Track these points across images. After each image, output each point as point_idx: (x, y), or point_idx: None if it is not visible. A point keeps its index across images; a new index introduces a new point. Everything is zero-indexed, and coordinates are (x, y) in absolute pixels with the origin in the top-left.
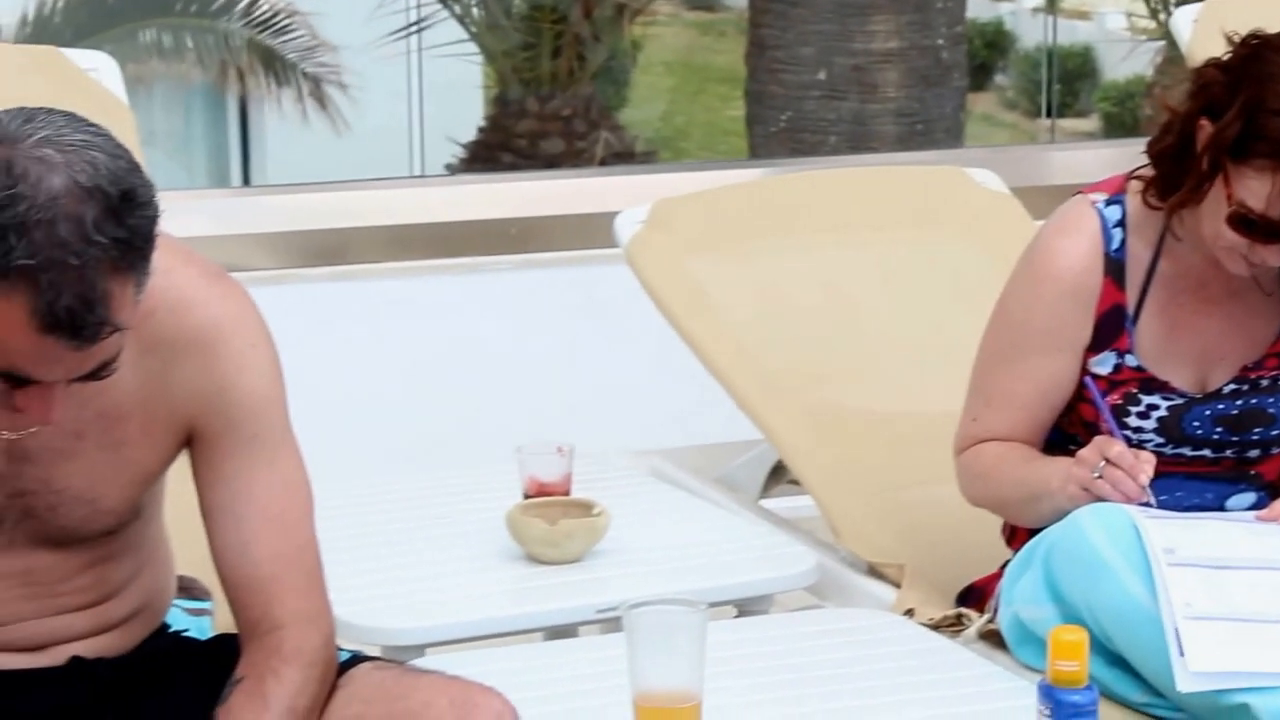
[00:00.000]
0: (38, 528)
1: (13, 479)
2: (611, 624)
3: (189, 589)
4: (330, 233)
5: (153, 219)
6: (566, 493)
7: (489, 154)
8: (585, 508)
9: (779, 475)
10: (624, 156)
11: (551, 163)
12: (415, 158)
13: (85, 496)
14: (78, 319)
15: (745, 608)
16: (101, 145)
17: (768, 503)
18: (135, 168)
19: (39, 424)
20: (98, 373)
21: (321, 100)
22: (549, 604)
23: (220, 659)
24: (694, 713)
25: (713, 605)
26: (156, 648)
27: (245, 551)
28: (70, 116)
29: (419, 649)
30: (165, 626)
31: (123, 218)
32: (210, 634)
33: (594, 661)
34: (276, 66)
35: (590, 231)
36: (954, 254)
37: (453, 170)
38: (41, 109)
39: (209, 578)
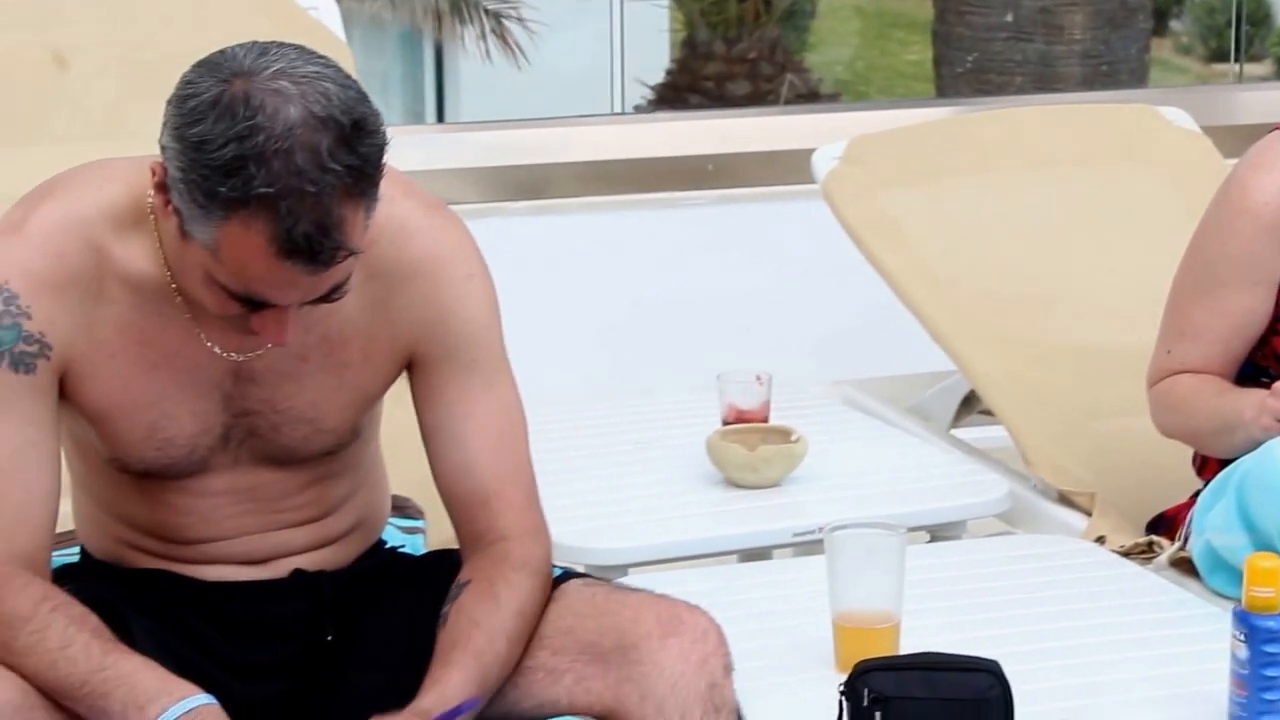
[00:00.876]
0: (261, 446)
1: (239, 400)
2: (806, 547)
3: (403, 508)
4: (531, 168)
5: (381, 146)
6: (765, 420)
7: (676, 96)
8: (783, 434)
9: (970, 405)
10: (808, 99)
11: (737, 105)
12: (614, 99)
13: (306, 416)
14: (315, 244)
15: (938, 533)
16: (332, 76)
17: (959, 432)
18: (364, 97)
19: (273, 345)
20: (329, 296)
21: (504, 38)
22: (747, 527)
23: (434, 574)
24: (893, 633)
25: (907, 531)
26: (373, 563)
27: (468, 470)
28: (301, 49)
29: (622, 569)
30: (381, 543)
31: (355, 146)
32: (423, 550)
33: (790, 583)
34: (462, 6)
35: (784, 168)
36: (1146, 190)
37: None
38: (273, 43)
39: (421, 497)
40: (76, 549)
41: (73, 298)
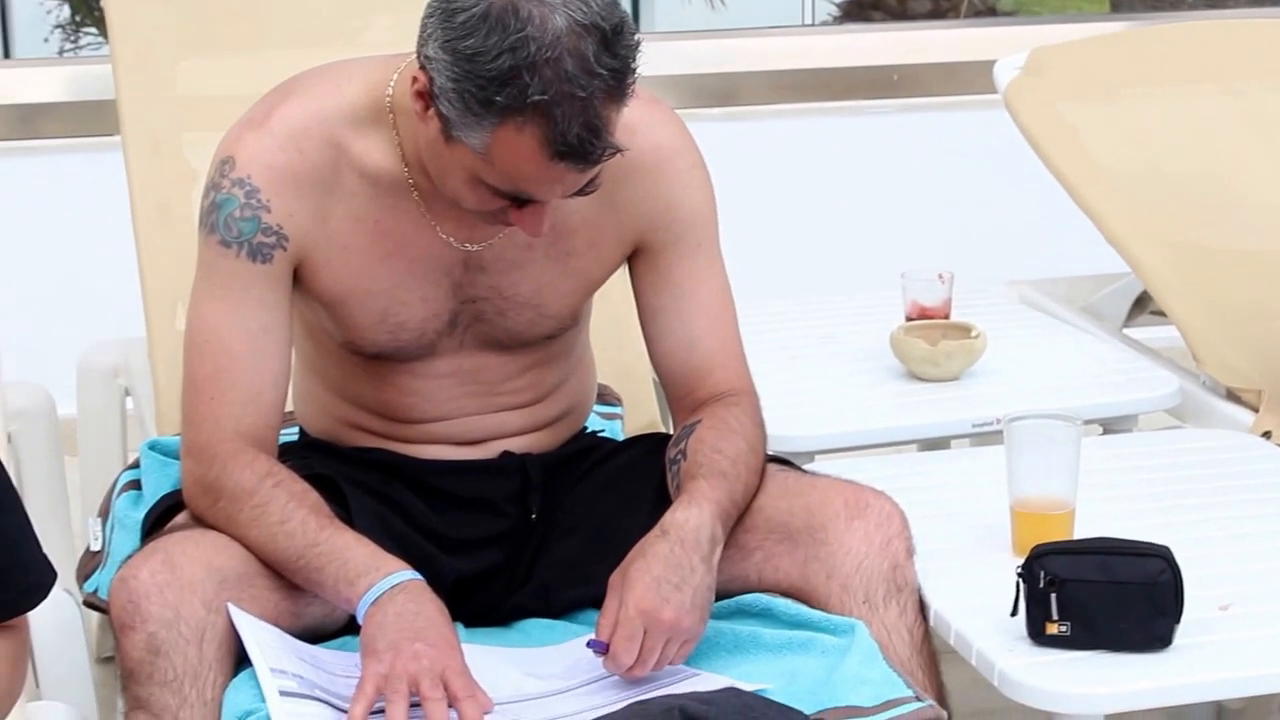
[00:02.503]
0: (486, 331)
1: (468, 286)
2: (983, 438)
3: (602, 395)
4: (724, 76)
5: (636, 47)
6: (946, 316)
7: (860, 13)
8: (964, 330)
9: (1142, 306)
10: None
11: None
12: (804, 11)
13: (531, 302)
14: (585, 144)
15: (1110, 426)
16: None
17: (1130, 331)
18: (615, 3)
19: (532, 235)
20: (585, 189)
21: None
22: (928, 418)
23: (634, 456)
24: (1068, 519)
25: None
26: (578, 447)
27: (693, 345)
28: None
29: (809, 455)
30: (585, 428)
31: (615, 49)
32: (622, 437)
33: (968, 471)
34: None
35: (964, 78)
36: None
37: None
38: None
39: (618, 386)
40: (295, 429)
41: (311, 191)
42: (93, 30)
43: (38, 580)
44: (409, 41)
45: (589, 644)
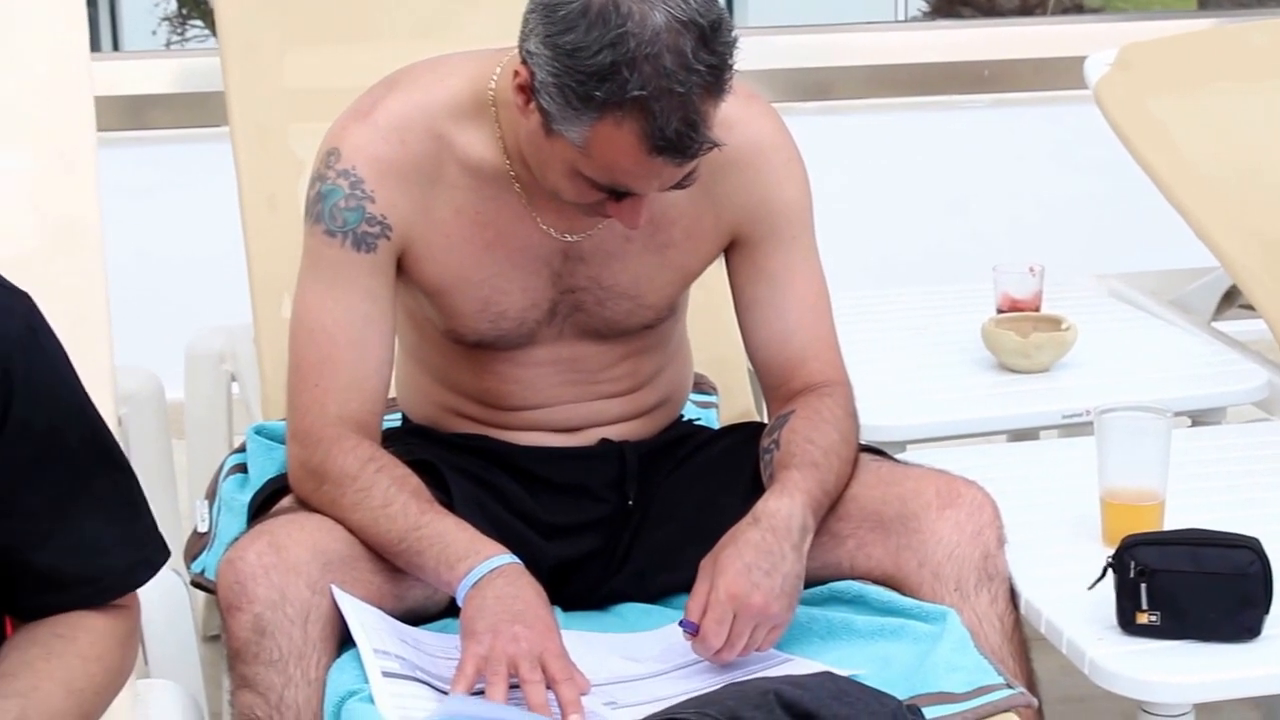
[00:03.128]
0: (585, 321)
1: (567, 277)
2: (1073, 429)
3: (699, 384)
4: (818, 71)
5: (734, 44)
6: (1036, 309)
7: (949, 9)
8: (1054, 322)
9: (1230, 300)
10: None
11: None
12: (896, 7)
13: (630, 293)
14: (683, 139)
15: (1199, 419)
16: None
17: (1219, 324)
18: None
19: (629, 228)
20: (683, 183)
21: None
22: (1019, 408)
23: (729, 446)
24: (1158, 510)
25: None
26: (674, 435)
27: (788, 337)
28: None
29: (901, 445)
30: (681, 416)
31: (713, 45)
32: (717, 425)
33: (1058, 462)
34: None
35: (1054, 73)
36: None
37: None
38: None
39: (713, 375)
40: (398, 415)
41: (414, 182)
42: (199, 23)
43: (149, 557)
44: (510, 36)
45: (681, 623)
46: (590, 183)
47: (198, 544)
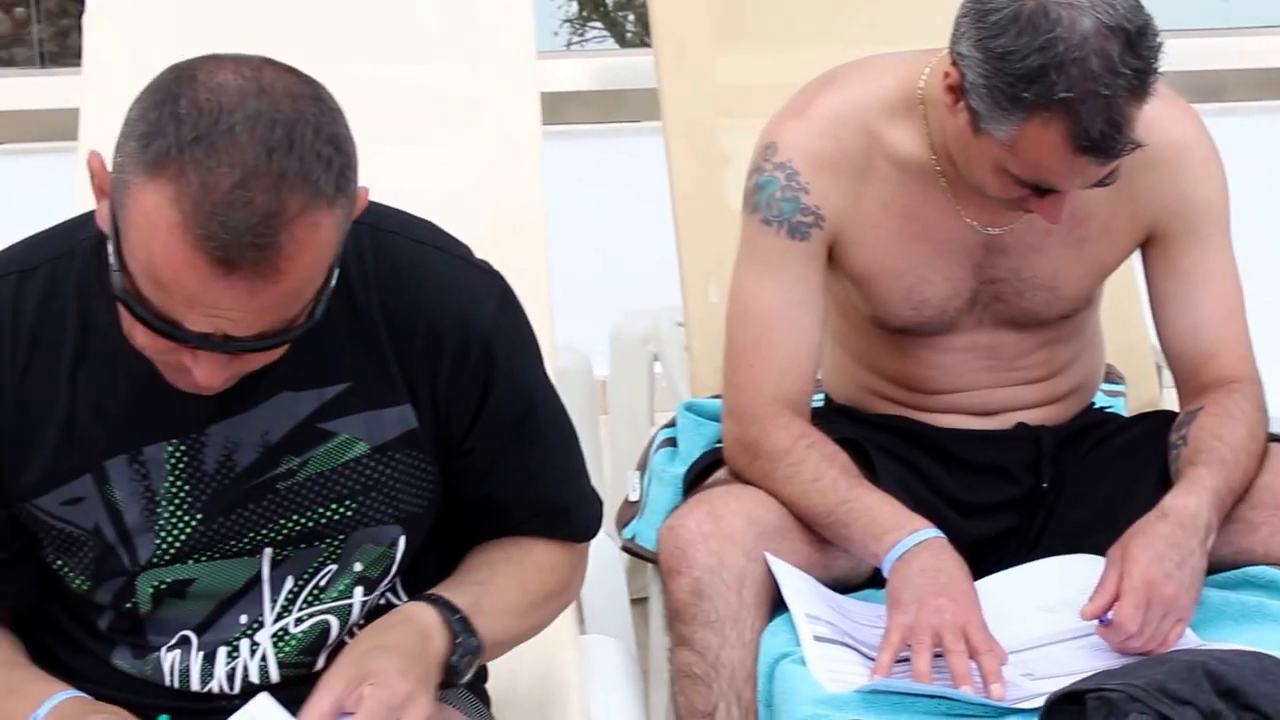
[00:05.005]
0: (1004, 310)
1: (988, 268)
2: None
3: (1108, 374)
4: (1212, 74)
5: (1159, 48)
6: None
7: None
8: None
9: None
10: None
11: None
12: None
13: (1048, 284)
14: (1107, 140)
15: None
16: None
17: None
18: (1140, 5)
19: (1050, 222)
20: (1104, 181)
21: None
22: None
23: (1139, 434)
24: None
25: None
26: (1086, 421)
27: (1199, 331)
28: None
29: None
30: (1092, 404)
31: (1139, 49)
32: (1126, 414)
33: None
34: None
35: None
36: None
37: None
38: None
39: (1121, 365)
40: (821, 396)
41: (845, 176)
42: (598, 24)
43: (595, 514)
44: (919, 40)
45: (1085, 616)
46: (1015, 179)
47: (628, 512)
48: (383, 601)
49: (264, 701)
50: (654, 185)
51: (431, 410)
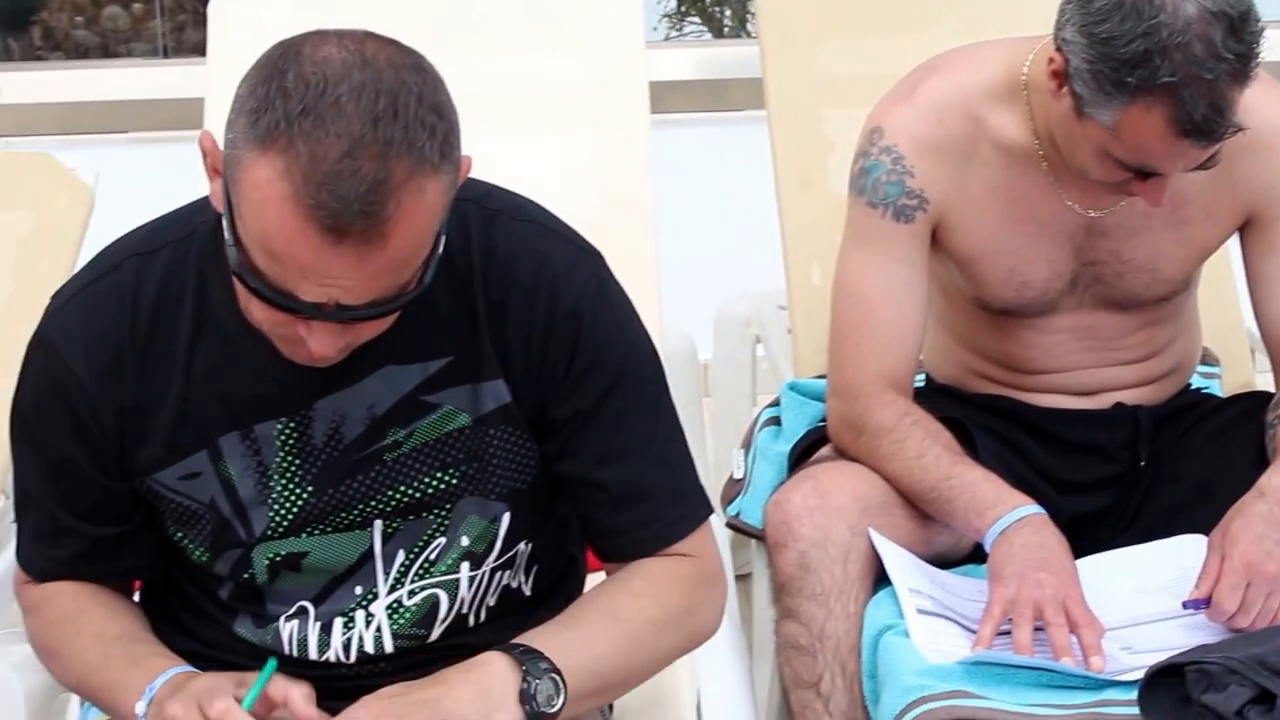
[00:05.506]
0: (1104, 292)
1: (1089, 250)
2: None
3: (1204, 355)
4: None
5: (1260, 34)
6: None
7: None
8: None
9: None
10: None
11: None
12: None
13: (1147, 267)
14: (1209, 124)
15: None
16: None
17: None
18: None
19: (1152, 205)
20: (1205, 164)
21: None
22: None
23: (1236, 414)
24: None
25: None
26: (1183, 402)
27: None
28: None
29: None
30: (1189, 385)
31: (1241, 34)
32: (1221, 394)
33: None
34: None
35: None
36: None
37: None
38: None
39: (1216, 348)
40: (922, 375)
41: (950, 160)
42: (695, 19)
43: (695, 511)
44: (1023, 30)
45: (1185, 604)
46: (1118, 163)
47: (732, 490)
48: (497, 581)
49: None
50: (757, 172)
51: (524, 385)
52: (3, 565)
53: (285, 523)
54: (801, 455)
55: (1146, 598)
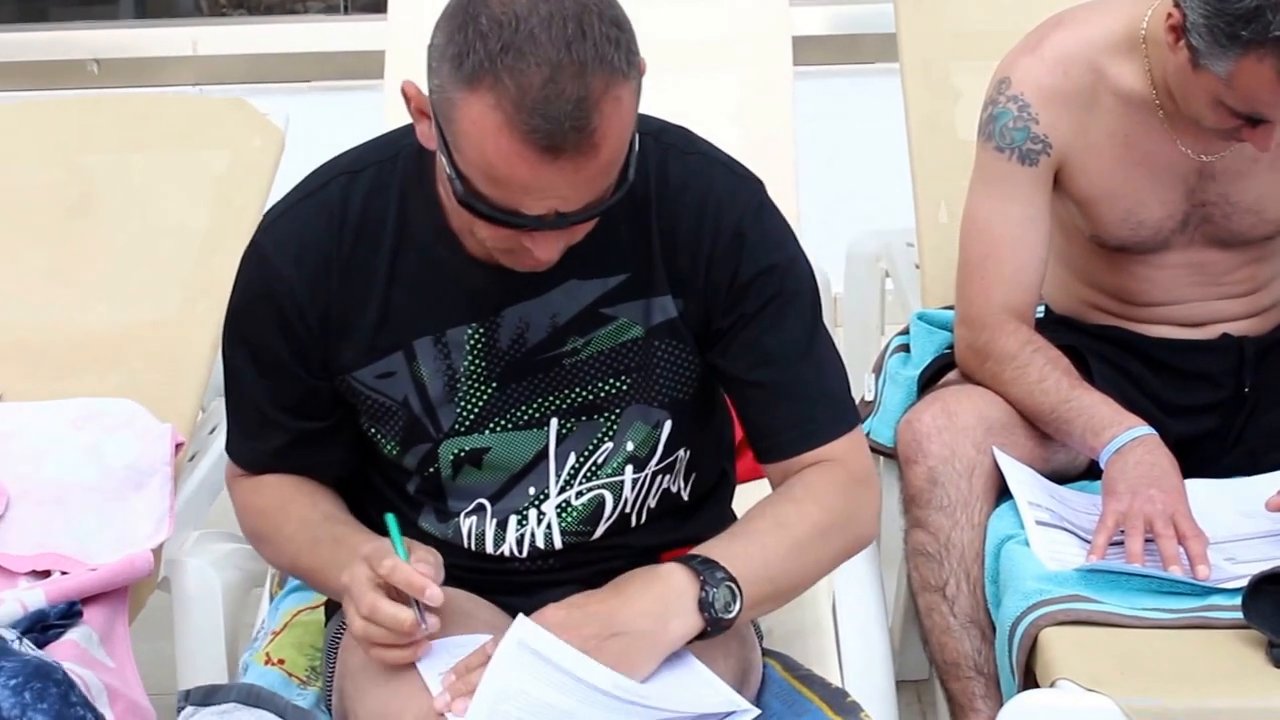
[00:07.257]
0: (1212, 231)
1: (1199, 193)
2: None
3: None
4: None
5: None
6: None
7: None
8: None
9: None
10: None
11: None
12: None
13: (1254, 208)
14: None
15: None
16: None
17: None
18: None
19: (1261, 150)
20: None
21: None
22: None
23: None
24: None
25: None
26: None
27: None
28: None
29: None
30: None
31: None
32: None
33: None
34: None
35: None
36: None
37: None
38: None
39: None
40: (1041, 307)
41: (1072, 108)
42: None
43: (848, 416)
44: None
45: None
46: (1230, 111)
47: (863, 411)
48: (658, 484)
49: (527, 626)
50: (888, 120)
51: (691, 301)
52: (200, 473)
53: (471, 417)
54: (930, 379)
55: (1250, 519)
